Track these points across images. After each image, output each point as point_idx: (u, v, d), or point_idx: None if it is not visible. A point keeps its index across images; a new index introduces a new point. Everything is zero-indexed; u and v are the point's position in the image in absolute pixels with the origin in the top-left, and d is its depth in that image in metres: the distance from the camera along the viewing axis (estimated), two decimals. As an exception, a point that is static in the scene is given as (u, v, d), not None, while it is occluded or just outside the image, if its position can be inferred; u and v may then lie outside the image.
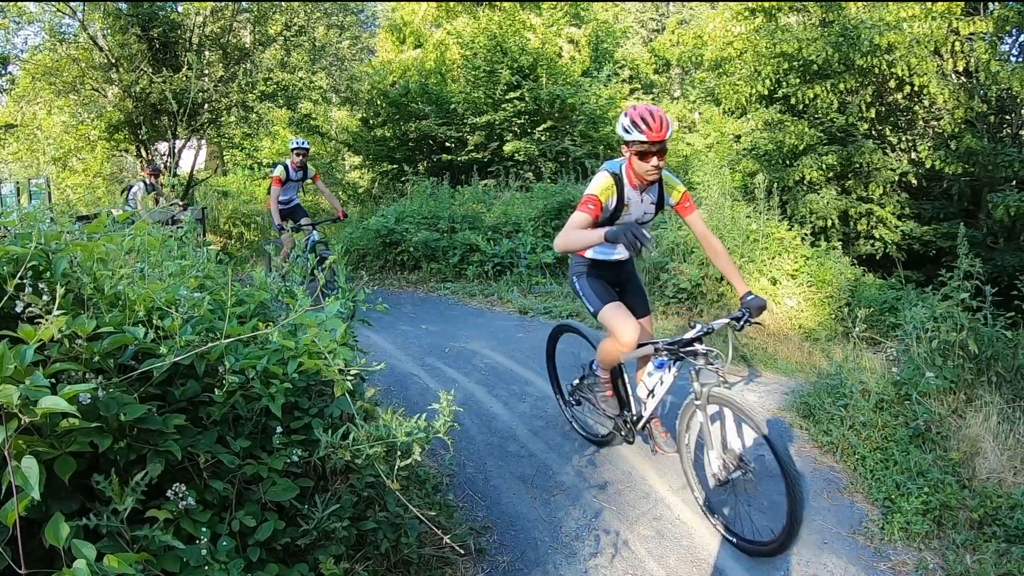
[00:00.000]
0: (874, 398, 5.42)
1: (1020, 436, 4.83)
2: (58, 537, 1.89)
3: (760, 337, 8.18)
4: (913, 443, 5.01)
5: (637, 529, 4.36)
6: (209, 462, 2.66)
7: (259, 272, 3.59)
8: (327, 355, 2.77)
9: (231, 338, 2.68)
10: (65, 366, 2.27)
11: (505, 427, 5.76)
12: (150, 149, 16.54)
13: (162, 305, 2.64)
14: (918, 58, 11.05)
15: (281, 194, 9.67)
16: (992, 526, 4.19)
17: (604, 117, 16.97)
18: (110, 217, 3.70)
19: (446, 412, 2.86)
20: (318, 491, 3.09)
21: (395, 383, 6.61)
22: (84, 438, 2.18)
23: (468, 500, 4.66)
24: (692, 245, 9.07)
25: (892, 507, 4.49)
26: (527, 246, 11.10)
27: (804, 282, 8.97)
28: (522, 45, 16.36)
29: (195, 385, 2.71)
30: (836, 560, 4.09)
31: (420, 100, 17.37)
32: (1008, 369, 5.53)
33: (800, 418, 5.90)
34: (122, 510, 2.21)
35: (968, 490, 4.53)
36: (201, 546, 2.41)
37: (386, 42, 25.22)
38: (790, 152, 12.53)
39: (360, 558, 3.31)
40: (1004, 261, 10.98)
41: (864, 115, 12.03)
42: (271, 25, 16.71)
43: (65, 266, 2.58)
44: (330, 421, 3.10)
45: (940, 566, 4.01)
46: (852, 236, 12.58)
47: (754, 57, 12.90)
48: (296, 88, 17.09)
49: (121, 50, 15.30)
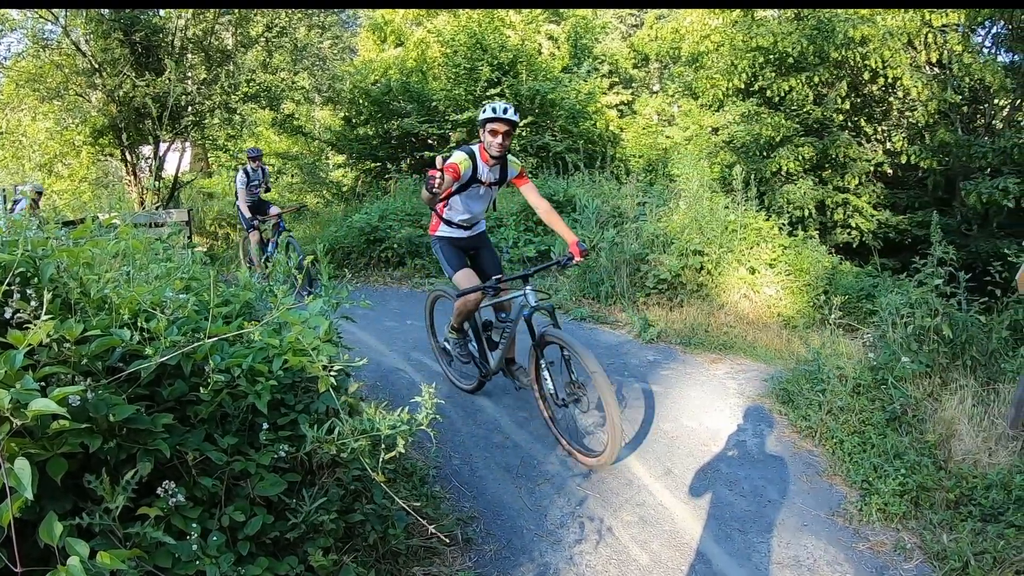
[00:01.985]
0: (851, 383, 5.49)
1: (994, 418, 4.89)
2: (52, 536, 1.91)
3: (740, 326, 8.25)
4: (890, 426, 5.08)
5: (620, 515, 4.41)
6: (198, 459, 2.69)
7: (243, 272, 3.61)
8: (311, 352, 2.79)
9: (215, 337, 2.71)
10: (54, 369, 2.30)
11: (490, 419, 5.79)
12: (135, 153, 16.43)
13: (148, 307, 2.67)
14: (891, 50, 11.14)
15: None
16: (968, 506, 4.26)
17: (584, 112, 16.98)
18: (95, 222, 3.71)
19: (428, 405, 2.90)
20: (306, 485, 3.12)
21: (381, 378, 6.63)
22: (75, 439, 2.21)
23: (454, 491, 4.69)
24: (672, 236, 9.12)
25: (870, 489, 4.55)
26: (509, 240, 11.13)
27: (782, 271, 9.04)
28: (502, 42, 16.33)
29: (182, 385, 2.73)
30: (816, 541, 4.15)
31: (402, 98, 17.32)
32: (982, 353, 5.59)
33: (779, 404, 5.97)
34: (114, 508, 2.24)
35: (944, 471, 4.59)
36: (192, 541, 2.44)
37: (367, 41, 25.13)
38: (767, 144, 12.62)
39: (349, 550, 3.34)
40: (978, 248, 11.11)
41: (839, 107, 12.13)
42: (253, 27, 16.62)
43: (52, 271, 2.60)
44: (316, 416, 3.12)
45: (917, 545, 4.07)
46: (829, 225, 12.68)
47: (730, 51, 12.96)
48: (278, 89, 17.00)
49: (104, 55, 15.18)
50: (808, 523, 4.35)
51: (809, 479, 4.86)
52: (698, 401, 6.19)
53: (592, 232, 9.89)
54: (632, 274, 9.22)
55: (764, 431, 5.58)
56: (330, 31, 18.42)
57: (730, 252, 8.98)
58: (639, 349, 7.59)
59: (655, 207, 10.08)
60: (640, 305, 8.87)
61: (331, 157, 22.34)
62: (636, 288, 9.10)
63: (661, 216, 9.72)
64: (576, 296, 9.47)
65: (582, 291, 9.50)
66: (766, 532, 4.25)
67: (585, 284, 9.54)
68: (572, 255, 5.14)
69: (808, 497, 4.63)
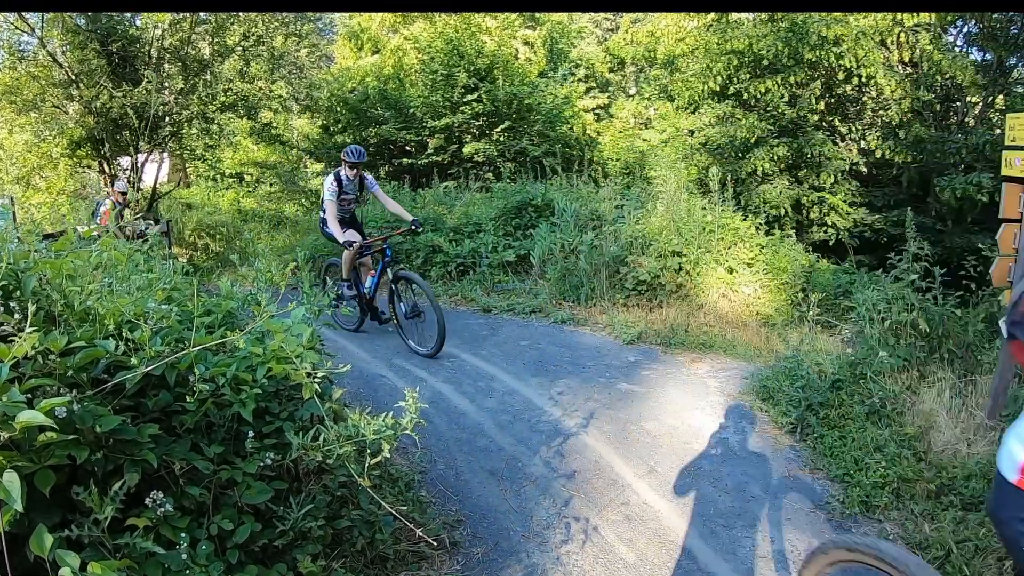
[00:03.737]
0: (830, 379, 5.57)
1: (972, 409, 4.96)
2: (42, 548, 1.91)
3: (719, 325, 8.31)
4: (870, 420, 5.15)
5: (606, 515, 4.44)
6: (185, 469, 2.69)
7: (225, 282, 3.61)
8: (295, 359, 2.80)
9: (199, 347, 2.71)
10: (40, 381, 2.30)
11: (473, 423, 5.81)
12: (113, 164, 16.31)
13: (131, 318, 2.67)
14: (864, 49, 11.24)
15: None
16: (949, 496, 4.32)
17: (561, 116, 17.05)
18: (76, 234, 3.70)
19: (412, 409, 2.91)
20: (293, 492, 3.13)
21: (364, 385, 6.64)
22: (62, 451, 2.21)
23: (440, 495, 4.71)
24: (651, 238, 9.17)
25: (852, 482, 4.62)
26: (488, 245, 11.14)
27: (760, 270, 9.12)
28: (478, 48, 16.39)
29: (167, 395, 2.73)
30: (800, 535, 4.20)
31: (379, 105, 17.34)
32: (959, 346, 5.67)
33: (760, 401, 6.03)
34: (102, 519, 2.24)
35: (924, 463, 4.65)
36: (181, 551, 2.44)
37: (344, 49, 25.12)
38: (742, 145, 12.68)
39: (337, 556, 3.36)
40: (953, 243, 11.22)
41: (814, 107, 12.21)
42: (229, 36, 16.52)
43: (35, 284, 2.60)
44: (301, 424, 3.13)
45: (900, 536, 4.13)
46: (805, 224, 12.77)
47: (705, 54, 13.04)
48: (256, 98, 16.89)
49: (80, 66, 15.03)
50: (792, 517, 4.40)
51: (791, 474, 4.91)
52: (680, 400, 6.23)
53: (571, 235, 9.93)
54: (611, 276, 9.26)
55: (746, 428, 5.63)
56: (307, 39, 18.33)
57: (708, 252, 9.05)
58: (620, 350, 7.62)
59: (633, 209, 10.15)
60: (620, 307, 8.91)
61: (309, 165, 22.31)
62: (616, 290, 9.14)
63: (639, 218, 9.78)
64: (556, 299, 9.50)
65: (561, 294, 9.52)
66: (750, 527, 4.30)
67: (565, 287, 9.56)
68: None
69: (791, 492, 4.68)
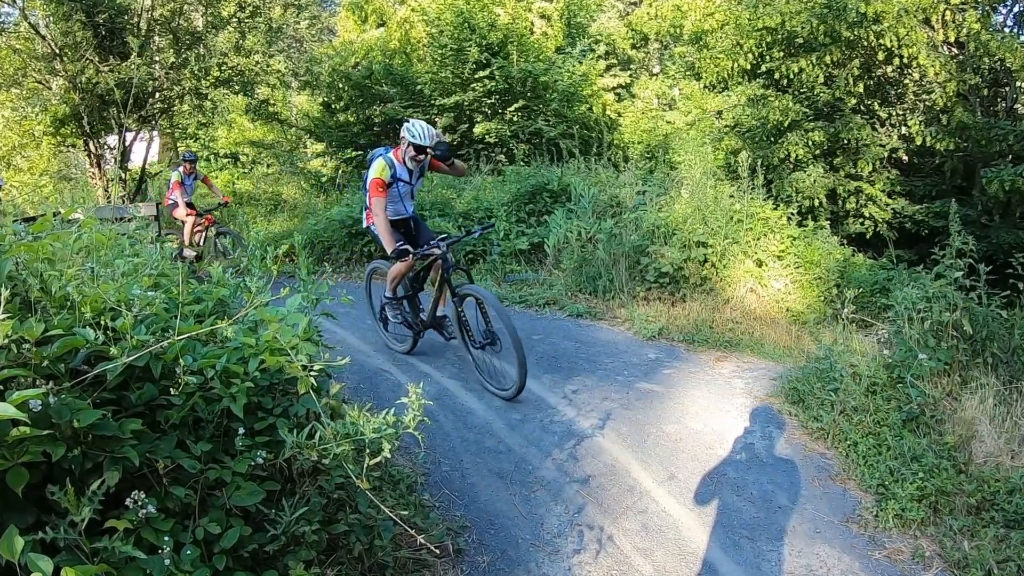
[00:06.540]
0: (865, 382, 5.50)
1: (1017, 418, 4.90)
2: (12, 552, 1.89)
3: (746, 321, 8.26)
4: (907, 427, 5.09)
5: (622, 524, 4.42)
6: (169, 468, 2.67)
7: (216, 268, 3.59)
8: (290, 351, 2.78)
9: (186, 336, 2.69)
10: (13, 372, 2.28)
11: (481, 422, 5.79)
12: (99, 144, 16.32)
13: (114, 305, 2.65)
14: (907, 28, 11.10)
15: None
16: (990, 511, 4.28)
17: (579, 95, 16.96)
18: (56, 216, 3.69)
19: (415, 406, 2.88)
20: (285, 494, 3.10)
21: (365, 380, 6.63)
22: (36, 447, 2.19)
23: (444, 499, 4.69)
24: (674, 227, 9.12)
25: (886, 494, 4.58)
26: (500, 232, 11.11)
27: (791, 263, 9.06)
28: (491, 21, 16.29)
29: (151, 388, 2.70)
30: (829, 549, 4.17)
31: (384, 82, 17.29)
32: (1004, 350, 5.61)
33: (789, 404, 5.98)
34: (79, 521, 2.21)
35: (964, 475, 4.61)
36: (164, 556, 2.41)
37: (347, 21, 25.09)
38: (774, 128, 12.59)
39: (332, 563, 3.33)
40: (999, 239, 11.09)
41: (852, 89, 12.09)
42: (224, 6, 16.50)
43: (10, 268, 2.58)
44: (295, 421, 3.10)
45: (937, 553, 4.10)
46: (840, 215, 12.69)
47: (735, 30, 12.94)
48: (252, 73, 16.85)
49: (65, 38, 15.03)
50: (821, 530, 4.36)
51: (821, 483, 4.88)
52: (703, 402, 6.20)
53: (588, 223, 9.89)
54: (631, 267, 9.20)
55: (773, 433, 5.59)
56: (307, 10, 18.36)
57: (735, 244, 8.99)
58: (639, 347, 7.59)
59: (655, 196, 10.08)
60: (640, 300, 8.86)
61: (309, 145, 22.31)
62: (635, 282, 9.09)
63: (662, 206, 9.73)
64: (572, 291, 9.46)
65: (578, 286, 9.48)
66: (776, 540, 4.26)
67: (581, 278, 9.52)
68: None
69: (820, 502, 4.65)
